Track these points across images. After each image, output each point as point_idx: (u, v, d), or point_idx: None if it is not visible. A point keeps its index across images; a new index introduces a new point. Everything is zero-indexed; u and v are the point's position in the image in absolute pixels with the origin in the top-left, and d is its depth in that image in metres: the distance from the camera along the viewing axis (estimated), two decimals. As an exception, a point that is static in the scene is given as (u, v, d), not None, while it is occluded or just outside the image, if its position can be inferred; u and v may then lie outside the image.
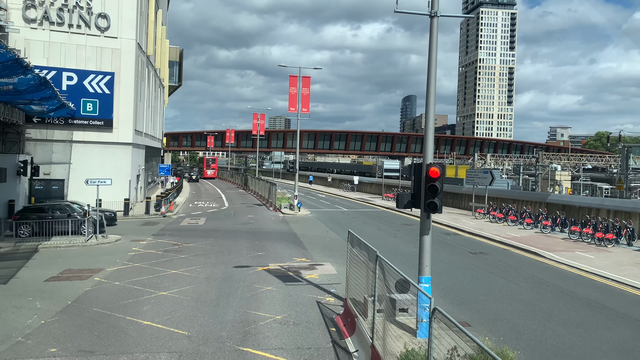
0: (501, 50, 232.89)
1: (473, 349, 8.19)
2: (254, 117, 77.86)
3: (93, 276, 16.28)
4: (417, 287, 8.79)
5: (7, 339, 10.69)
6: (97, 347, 10.29)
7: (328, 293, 14.86)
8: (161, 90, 56.02)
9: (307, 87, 40.53)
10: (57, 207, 24.59)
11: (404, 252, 21.45)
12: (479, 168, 69.41)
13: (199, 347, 10.38)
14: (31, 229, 23.01)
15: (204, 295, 14.28)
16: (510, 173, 73.03)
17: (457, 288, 15.83)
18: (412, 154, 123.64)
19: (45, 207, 24.53)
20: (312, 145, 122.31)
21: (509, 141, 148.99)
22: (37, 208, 24.62)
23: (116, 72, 33.75)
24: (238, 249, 21.86)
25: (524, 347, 10.82)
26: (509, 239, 26.08)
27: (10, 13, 29.43)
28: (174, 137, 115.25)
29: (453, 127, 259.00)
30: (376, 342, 9.13)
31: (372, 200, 50.93)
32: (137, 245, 22.16)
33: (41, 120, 31.70)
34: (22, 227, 23.09)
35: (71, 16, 32.57)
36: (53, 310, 12.69)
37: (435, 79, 11.14)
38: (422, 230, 11.13)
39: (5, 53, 14.05)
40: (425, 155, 11.10)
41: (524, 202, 35.61)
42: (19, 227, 22.98)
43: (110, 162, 32.94)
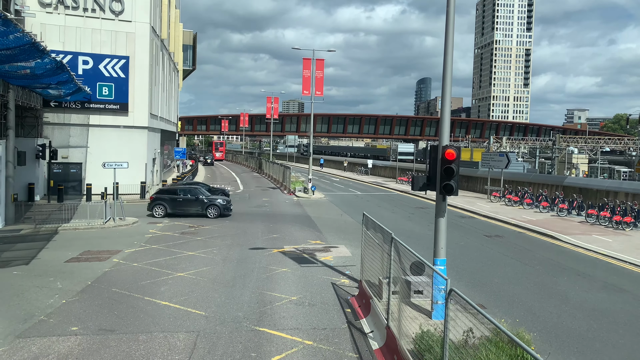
0: (518, 31, 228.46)
1: (489, 331, 8.23)
2: (268, 100, 77.84)
3: (112, 257, 16.57)
4: (432, 269, 8.80)
5: (30, 317, 10.97)
6: (117, 326, 10.52)
7: (343, 275, 14.96)
8: (175, 74, 56.12)
9: (320, 70, 40.30)
10: (187, 190, 26.19)
11: (419, 235, 21.45)
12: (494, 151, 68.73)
13: (216, 327, 10.56)
14: (165, 209, 25.20)
15: (221, 277, 14.47)
16: (527, 156, 72.23)
17: (472, 270, 15.82)
18: (426, 137, 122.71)
19: (177, 190, 26.30)
20: (326, 129, 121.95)
21: (525, 124, 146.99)
22: (170, 190, 26.55)
23: (131, 56, 33.84)
24: (253, 231, 22.04)
25: (540, 329, 10.82)
26: (524, 222, 25.90)
27: (26, -3, 29.53)
28: (188, 121, 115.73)
29: (468, 110, 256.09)
30: (391, 323, 9.20)
31: (386, 184, 50.82)
32: (154, 228, 22.45)
33: (58, 105, 32.03)
34: (157, 208, 25.27)
35: (86, 0, 32.63)
36: (74, 290, 12.97)
37: (452, 60, 10.99)
38: (438, 213, 11.11)
39: (22, 37, 14.15)
40: (441, 137, 11.02)
41: (540, 185, 35.27)
42: (154, 207, 25.36)
43: (126, 145, 33.23)
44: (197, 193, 25.91)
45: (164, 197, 25.70)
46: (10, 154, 22.31)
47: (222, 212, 25.57)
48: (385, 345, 9.24)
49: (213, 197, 26.00)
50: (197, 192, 26.03)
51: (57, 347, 9.40)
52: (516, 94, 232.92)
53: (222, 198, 26.39)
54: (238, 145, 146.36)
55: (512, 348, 7.74)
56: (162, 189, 27.33)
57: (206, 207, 25.38)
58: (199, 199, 25.52)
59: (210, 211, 25.37)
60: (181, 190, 26.26)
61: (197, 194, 25.84)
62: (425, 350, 7.98)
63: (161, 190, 26.86)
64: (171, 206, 25.32)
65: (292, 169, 45.38)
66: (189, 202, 25.50)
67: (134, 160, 31.78)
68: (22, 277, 14.06)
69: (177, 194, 25.91)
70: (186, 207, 25.44)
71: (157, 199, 25.63)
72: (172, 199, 25.54)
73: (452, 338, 7.00)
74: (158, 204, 25.38)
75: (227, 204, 26.18)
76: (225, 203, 26.02)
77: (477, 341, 7.84)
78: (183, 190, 26.35)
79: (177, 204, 25.42)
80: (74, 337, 9.92)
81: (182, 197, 25.61)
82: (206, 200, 25.60)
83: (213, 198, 25.88)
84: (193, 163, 63.09)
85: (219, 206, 25.55)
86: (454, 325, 6.93)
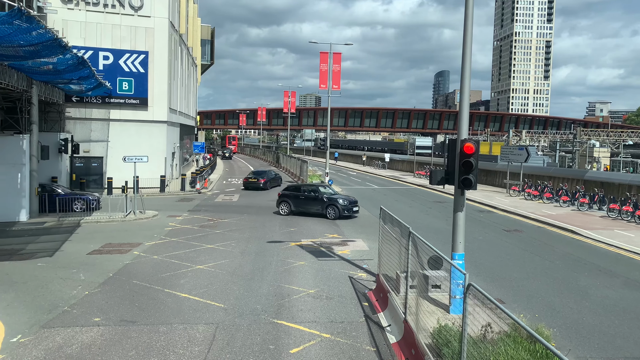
0: (538, 23, 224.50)
1: (508, 326, 8.19)
2: (285, 95, 77.87)
3: (132, 250, 16.85)
4: (451, 263, 8.78)
5: (54, 308, 11.23)
6: (138, 318, 10.72)
7: (360, 268, 14.99)
8: (194, 68, 56.51)
9: (337, 63, 40.15)
10: (310, 189, 25.91)
11: (437, 229, 21.35)
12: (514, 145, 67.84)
13: (235, 319, 10.68)
14: (289, 207, 24.96)
15: (239, 269, 14.61)
16: (547, 150, 71.13)
17: (490, 265, 15.72)
18: (444, 130, 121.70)
19: (301, 188, 26.22)
20: (343, 122, 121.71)
21: (545, 117, 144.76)
22: (295, 187, 26.48)
23: (150, 51, 34.19)
24: (271, 224, 22.18)
25: (559, 325, 10.72)
26: (544, 216, 25.59)
27: (48, -6, 30.00)
28: (207, 115, 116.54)
29: (487, 103, 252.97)
30: (409, 317, 9.21)
31: (403, 178, 50.59)
32: (173, 221, 22.74)
33: (80, 100, 32.56)
34: (282, 206, 25.19)
35: (106, -4, 33.01)
36: (96, 282, 13.23)
37: (471, 53, 10.87)
38: (456, 207, 11.04)
39: (45, 33, 14.40)
40: (460, 131, 10.94)
41: (561, 179, 34.75)
42: (280, 205, 25.30)
43: (146, 139, 33.65)
44: (319, 192, 25.07)
45: (289, 194, 25.50)
46: (34, 148, 22.76)
47: (342, 214, 24.00)
48: (403, 339, 9.26)
49: (333, 197, 24.70)
50: (318, 191, 25.23)
51: (81, 337, 9.62)
52: (536, 87, 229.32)
53: (344, 198, 25.05)
54: (256, 140, 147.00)
55: (532, 344, 7.69)
56: (289, 186, 27.24)
57: (326, 207, 24.28)
58: (319, 199, 24.66)
59: (330, 211, 24.08)
60: (305, 189, 25.94)
61: (319, 192, 25.00)
62: (443, 344, 7.98)
63: (287, 188, 26.83)
64: (295, 204, 24.95)
65: (309, 163, 45.43)
66: (311, 201, 24.88)
67: (154, 154, 32.17)
68: (46, 269, 14.39)
69: (301, 191, 25.62)
70: (308, 205, 24.73)
71: (283, 195, 25.51)
72: (296, 196, 25.26)
73: (470, 333, 6.98)
74: (283, 201, 25.25)
75: (349, 205, 24.37)
76: (346, 204, 24.30)
77: (495, 336, 7.82)
78: (306, 188, 26.06)
79: (300, 203, 24.94)
80: (96, 327, 10.14)
81: (305, 196, 25.10)
82: (326, 199, 24.50)
83: (333, 198, 24.56)
84: (211, 157, 63.56)
85: (338, 207, 24.03)
86: (472, 319, 6.92)
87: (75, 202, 24.17)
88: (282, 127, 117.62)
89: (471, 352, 6.88)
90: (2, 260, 15.36)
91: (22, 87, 21.01)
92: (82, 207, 24.03)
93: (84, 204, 24.15)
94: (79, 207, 24.00)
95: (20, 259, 15.61)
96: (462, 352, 6.57)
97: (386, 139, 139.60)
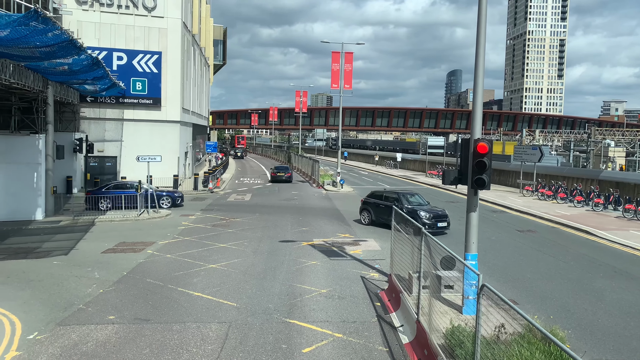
0: (552, 21, 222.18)
1: (522, 327, 8.13)
2: (297, 94, 77.95)
3: (146, 249, 16.99)
4: (464, 264, 8.74)
5: (69, 306, 11.38)
6: (152, 316, 10.81)
7: (372, 268, 14.97)
8: (206, 68, 56.80)
9: (349, 63, 40.13)
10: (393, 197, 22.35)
11: (449, 229, 21.23)
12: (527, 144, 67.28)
13: (248, 318, 10.73)
14: (370, 216, 22.68)
15: (251, 269, 14.67)
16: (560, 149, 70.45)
17: (504, 266, 15.61)
18: (457, 130, 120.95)
19: (383, 196, 23.04)
20: (354, 122, 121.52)
21: (559, 116, 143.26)
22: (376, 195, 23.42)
23: (163, 51, 34.44)
24: (283, 224, 22.24)
25: (574, 326, 10.62)
26: (558, 217, 25.34)
27: (63, -5, 30.36)
28: (219, 115, 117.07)
29: (500, 103, 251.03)
30: (421, 317, 9.18)
31: (415, 178, 50.41)
32: (186, 220, 22.89)
33: (94, 100, 32.90)
34: (364, 214, 23.07)
35: (119, -3, 33.32)
36: (110, 280, 13.37)
37: (484, 51, 10.81)
38: (469, 207, 10.99)
39: (60, 34, 14.57)
40: (473, 130, 10.88)
41: (575, 179, 34.39)
42: (362, 212, 23.22)
43: (159, 139, 33.91)
44: (400, 201, 21.45)
45: (370, 202, 22.96)
46: (49, 147, 23.05)
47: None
48: (416, 340, 9.24)
49: (415, 209, 20.74)
50: (400, 200, 21.67)
51: (96, 335, 9.74)
52: (550, 86, 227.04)
53: (428, 209, 21.44)
54: (267, 139, 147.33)
55: (546, 345, 7.63)
56: (372, 193, 23.98)
57: None
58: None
59: None
60: (385, 197, 22.56)
61: (400, 202, 21.30)
62: (456, 345, 7.94)
63: (370, 194, 23.76)
64: (375, 213, 22.37)
65: (320, 163, 45.47)
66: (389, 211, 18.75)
67: (167, 153, 32.41)
68: (62, 267, 14.57)
69: (382, 199, 22.50)
70: (387, 216, 19.68)
71: (365, 203, 23.21)
72: (376, 205, 22.48)
73: (484, 333, 6.95)
74: (364, 209, 23.06)
75: (433, 219, 20.47)
76: (429, 217, 20.49)
77: (509, 337, 7.77)
78: (389, 196, 22.58)
79: (380, 212, 21.99)
80: (111, 325, 10.25)
81: (384, 205, 21.58)
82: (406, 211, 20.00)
83: (414, 210, 20.62)
84: (223, 156, 63.89)
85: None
86: (486, 320, 6.89)
87: (162, 199, 25.85)
88: (293, 126, 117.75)
89: (485, 353, 6.85)
90: (19, 258, 15.59)
91: (38, 88, 21.29)
92: (169, 203, 25.86)
93: (170, 200, 25.99)
94: (165, 204, 25.64)
95: (36, 257, 15.83)
96: (475, 353, 6.54)
97: (398, 138, 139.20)
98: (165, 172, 32.26)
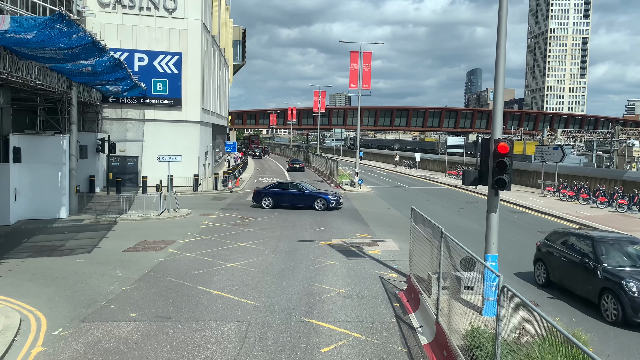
0: (574, 19, 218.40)
1: (543, 329, 8.03)
2: (315, 94, 78.01)
3: (166, 247, 17.22)
4: (484, 265, 8.68)
5: (92, 303, 11.60)
6: (173, 314, 10.96)
7: (390, 269, 14.94)
8: (226, 69, 57.25)
9: (368, 62, 40.04)
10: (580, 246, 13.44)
11: (469, 230, 21.07)
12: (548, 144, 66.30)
13: (267, 317, 10.81)
14: (546, 275, 19.54)
15: (270, 268, 14.77)
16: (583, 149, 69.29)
17: (524, 267, 15.41)
18: (476, 130, 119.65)
19: (568, 241, 19.07)
20: (373, 122, 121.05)
21: (582, 116, 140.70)
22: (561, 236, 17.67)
23: (183, 52, 34.83)
24: (301, 223, 22.30)
25: (598, 329, 10.45)
26: (581, 218, 24.91)
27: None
28: (238, 115, 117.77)
29: (521, 102, 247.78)
30: (441, 318, 9.15)
31: (434, 178, 50.07)
32: (206, 219, 23.12)
33: (116, 100, 33.44)
34: (539, 268, 19.23)
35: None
36: (132, 278, 13.59)
37: (505, 50, 10.70)
38: (489, 208, 10.89)
39: (84, 36, 14.85)
40: (493, 130, 10.78)
41: (598, 180, 33.77)
42: (536, 265, 16.15)
43: (179, 139, 34.29)
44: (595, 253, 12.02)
45: (549, 247, 13.93)
46: (73, 147, 23.50)
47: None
48: (435, 341, 9.20)
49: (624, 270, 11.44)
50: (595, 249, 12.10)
51: (118, 332, 9.91)
52: (572, 85, 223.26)
53: None
54: (286, 139, 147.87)
55: (568, 348, 7.53)
56: (554, 232, 14.64)
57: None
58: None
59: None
60: (571, 245, 13.13)
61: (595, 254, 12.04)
62: (476, 347, 7.89)
63: (552, 234, 14.47)
64: (554, 270, 13.36)
65: (338, 162, 45.46)
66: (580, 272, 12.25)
67: (187, 153, 32.74)
68: (85, 265, 14.86)
69: (567, 248, 13.16)
70: (577, 279, 12.48)
71: (543, 248, 14.17)
72: (558, 255, 13.25)
73: (504, 335, 6.89)
74: (540, 259, 14.10)
75: None
76: None
77: (530, 339, 7.68)
78: (574, 244, 13.06)
79: (562, 270, 12.93)
80: (132, 322, 10.42)
81: (570, 258, 12.81)
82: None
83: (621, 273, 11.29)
84: (242, 155, 64.33)
85: None
86: (506, 322, 6.82)
87: (317, 200, 26.38)
88: (312, 126, 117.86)
89: (505, 355, 6.80)
90: (44, 255, 15.95)
91: (62, 89, 21.73)
92: (323, 205, 25.99)
93: (324, 202, 26.05)
94: (319, 205, 25.90)
95: (60, 254, 16.17)
96: (495, 355, 6.50)
97: (416, 138, 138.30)
98: (185, 171, 32.62)
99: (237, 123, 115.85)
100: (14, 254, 16.09)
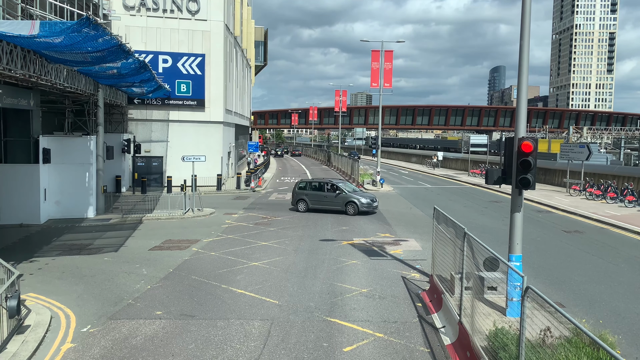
0: (601, 14, 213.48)
1: (568, 331, 7.93)
2: (336, 94, 78.08)
3: (191, 246, 17.48)
4: (507, 265, 8.60)
5: (119, 301, 11.87)
6: (197, 312, 11.14)
7: (413, 269, 14.89)
8: (248, 70, 57.66)
9: (389, 61, 39.87)
10: None
11: (492, 230, 20.85)
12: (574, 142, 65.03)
13: (289, 316, 10.90)
14: None
15: (293, 267, 14.87)
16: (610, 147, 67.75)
17: (549, 267, 15.21)
18: (500, 128, 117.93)
19: None
20: (394, 121, 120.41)
21: (609, 113, 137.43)
22: None
23: (206, 53, 35.23)
24: (323, 223, 22.37)
25: (625, 331, 10.26)
26: (607, 217, 24.42)
27: (112, 2, 31.56)
28: (260, 115, 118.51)
29: (545, 99, 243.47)
30: (464, 319, 9.10)
31: (457, 177, 49.59)
32: (229, 219, 23.37)
33: (141, 102, 34.02)
34: None
35: (165, 2, 34.32)
36: (157, 276, 13.84)
37: (529, 47, 10.57)
38: (513, 208, 10.78)
39: (110, 39, 15.16)
40: (517, 129, 10.67)
41: (626, 178, 33.00)
42: None
43: (203, 139, 34.73)
44: None
45: None
46: (100, 148, 24.01)
47: None
48: (458, 341, 9.16)
49: None
50: None
51: (144, 330, 10.13)
52: (598, 81, 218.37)
53: None
54: (307, 139, 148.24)
55: (595, 350, 7.42)
56: None
57: None
58: None
59: None
60: None
61: None
62: (500, 348, 7.83)
63: None
64: None
65: (360, 162, 45.37)
66: None
67: (211, 153, 33.13)
68: (112, 263, 15.20)
69: None
70: None
71: None
72: None
73: (528, 336, 6.84)
74: None
75: None
76: None
77: (555, 341, 7.60)
78: None
79: None
80: (158, 320, 10.63)
81: None
82: None
83: None
84: (265, 154, 64.85)
85: None
86: (530, 323, 6.77)
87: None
88: (333, 126, 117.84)
89: (529, 357, 6.74)
90: (73, 254, 16.35)
91: (89, 91, 22.21)
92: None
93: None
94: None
95: (88, 253, 16.56)
96: (520, 357, 6.45)
97: (439, 136, 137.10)
98: (209, 171, 33.01)
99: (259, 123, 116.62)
100: (44, 253, 16.54)
